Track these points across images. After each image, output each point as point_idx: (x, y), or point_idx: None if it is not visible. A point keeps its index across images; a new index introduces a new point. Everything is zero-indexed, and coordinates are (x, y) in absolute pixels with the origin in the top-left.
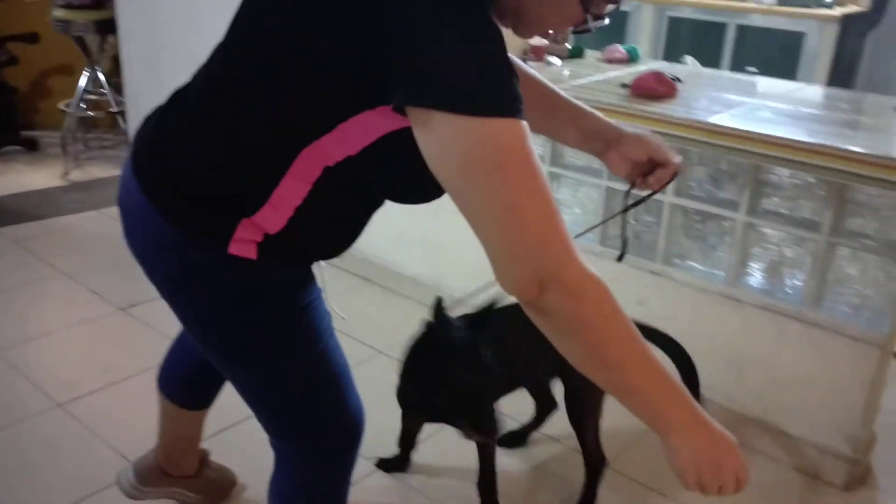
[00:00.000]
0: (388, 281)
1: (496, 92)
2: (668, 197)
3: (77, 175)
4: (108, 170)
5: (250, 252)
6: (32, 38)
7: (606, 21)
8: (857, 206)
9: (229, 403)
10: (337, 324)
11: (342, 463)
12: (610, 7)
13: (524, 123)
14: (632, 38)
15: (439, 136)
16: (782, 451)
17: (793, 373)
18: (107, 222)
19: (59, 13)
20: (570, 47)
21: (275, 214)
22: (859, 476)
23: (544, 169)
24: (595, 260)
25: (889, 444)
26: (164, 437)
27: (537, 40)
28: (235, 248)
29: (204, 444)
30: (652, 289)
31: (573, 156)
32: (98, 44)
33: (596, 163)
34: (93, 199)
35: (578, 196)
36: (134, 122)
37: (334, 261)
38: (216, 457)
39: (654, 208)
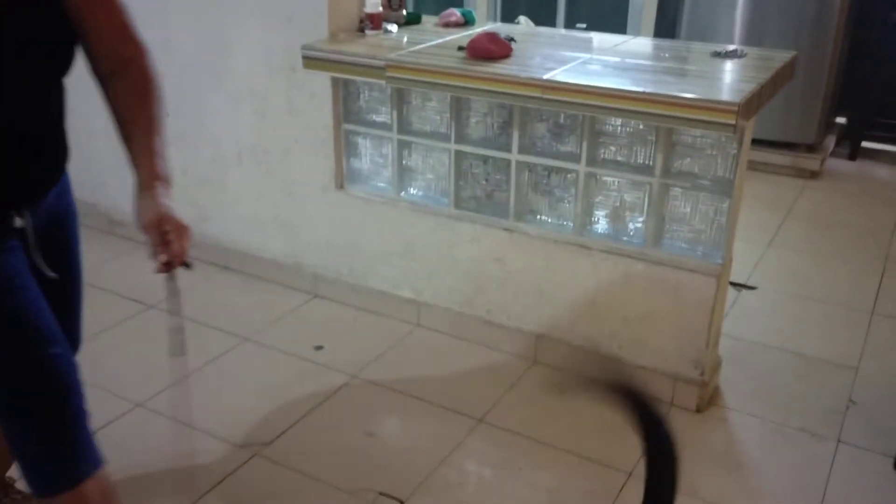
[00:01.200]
0: (246, 266)
1: None
2: (513, 155)
3: None
4: None
5: None
6: None
7: None
8: (685, 147)
9: None
10: (201, 316)
11: (45, 419)
12: None
13: None
14: (469, 3)
15: None
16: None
17: (642, 310)
18: None
19: None
20: (406, 14)
21: None
22: (708, 398)
23: (393, 137)
24: (451, 223)
25: (732, 366)
26: None
27: (373, 7)
28: None
29: None
30: (507, 245)
31: (420, 123)
32: None
33: (443, 127)
34: None
35: (430, 162)
36: None
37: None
38: None
39: (501, 167)
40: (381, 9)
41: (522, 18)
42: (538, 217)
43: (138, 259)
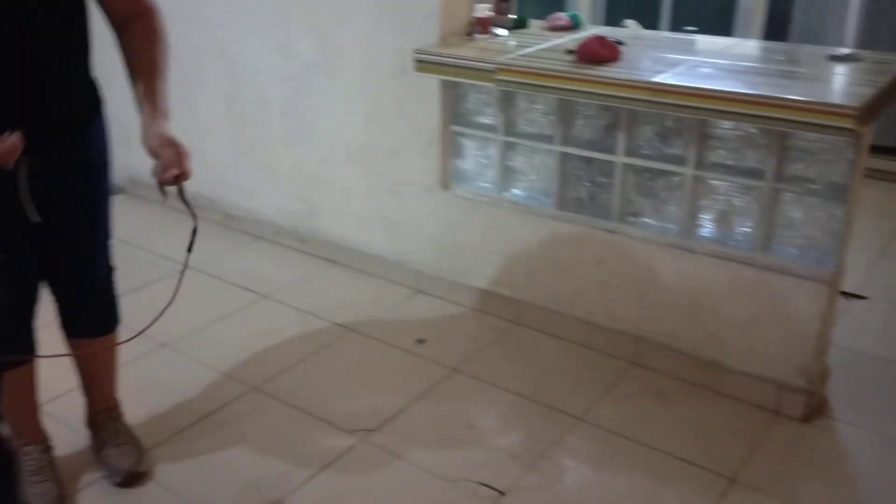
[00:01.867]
0: (353, 261)
1: None
2: (618, 157)
3: None
4: None
5: None
6: None
7: None
8: (798, 152)
9: None
10: (310, 307)
11: None
12: None
13: None
14: (573, 6)
15: None
16: (742, 389)
17: (747, 315)
18: None
19: None
20: (514, 18)
21: None
22: (816, 407)
23: (499, 139)
24: (553, 224)
25: (841, 376)
26: None
27: (483, 12)
28: None
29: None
30: (609, 247)
31: (525, 125)
32: None
33: (549, 129)
34: None
35: (534, 163)
36: None
37: (299, 245)
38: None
39: (606, 169)
40: (490, 13)
41: (629, 22)
42: (642, 219)
43: (253, 251)
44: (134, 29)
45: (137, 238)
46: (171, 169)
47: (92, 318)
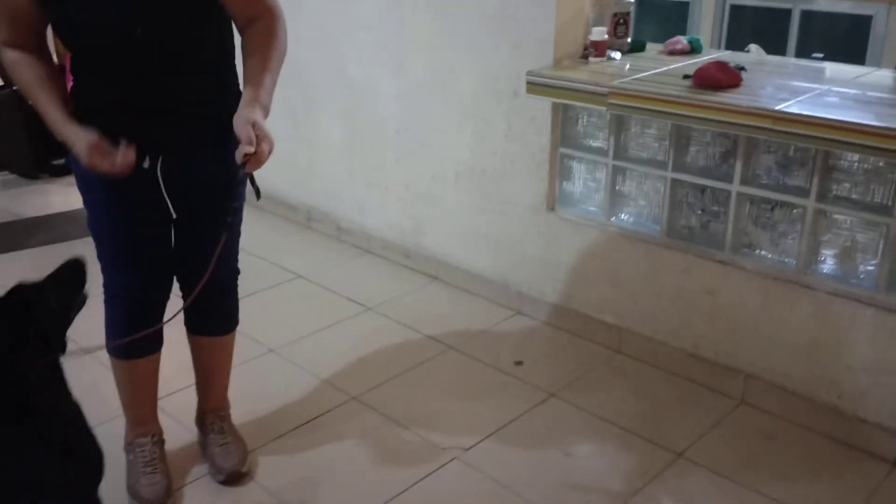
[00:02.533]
0: (455, 278)
1: None
2: (734, 186)
3: None
4: None
5: None
6: None
7: None
8: None
9: None
10: (411, 321)
11: (108, 306)
12: None
13: None
14: (693, 29)
15: None
16: (860, 438)
17: (869, 358)
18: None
19: None
20: (630, 41)
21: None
22: None
23: (608, 163)
24: (661, 252)
25: None
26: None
27: (598, 35)
28: None
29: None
30: (720, 278)
31: (637, 149)
32: None
33: (661, 155)
34: None
35: (644, 188)
36: None
37: (403, 260)
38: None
39: (720, 198)
40: (606, 37)
41: (753, 47)
42: (756, 251)
43: (361, 264)
44: (254, 28)
45: (255, 248)
46: (247, 147)
47: (216, 316)
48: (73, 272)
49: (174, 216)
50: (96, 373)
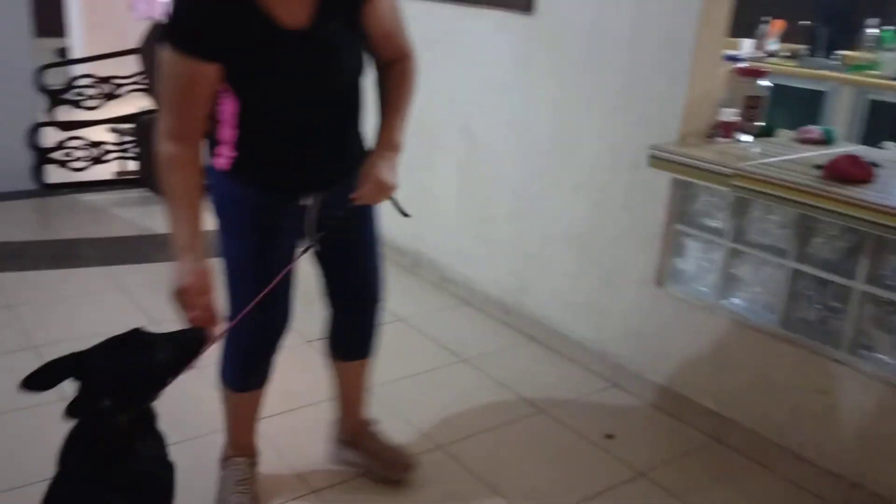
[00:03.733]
0: (552, 341)
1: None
2: (857, 283)
3: None
4: None
5: (225, 165)
6: None
7: None
8: None
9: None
10: (504, 379)
11: (236, 342)
12: None
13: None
14: (827, 120)
15: None
16: None
17: None
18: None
19: None
20: (761, 125)
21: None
22: None
23: (725, 244)
24: (773, 342)
25: None
26: (335, 394)
27: (728, 116)
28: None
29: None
30: (834, 378)
31: (757, 233)
32: None
33: (782, 242)
34: None
35: (760, 275)
36: None
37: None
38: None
39: (841, 294)
40: (736, 118)
41: (889, 144)
42: (876, 354)
43: (461, 315)
44: (392, 70)
45: None
46: (362, 199)
47: (364, 341)
48: (191, 341)
49: (318, 249)
50: (202, 388)
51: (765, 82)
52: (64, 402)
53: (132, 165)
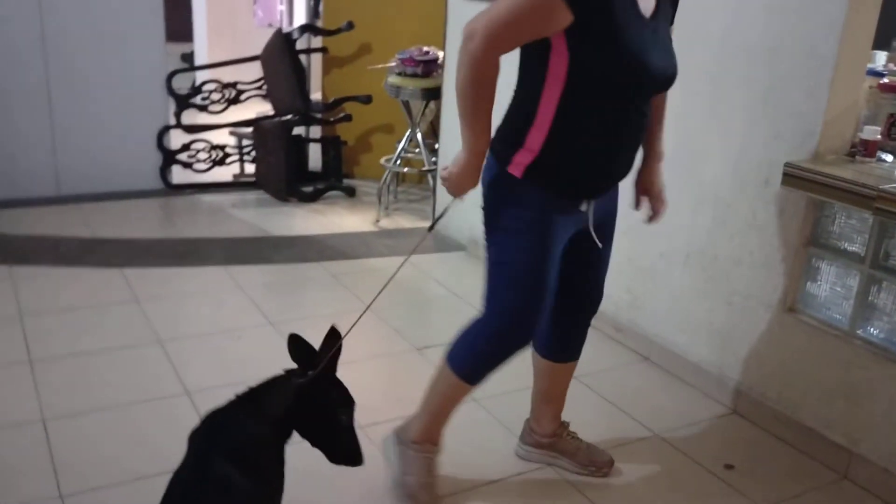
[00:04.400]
0: (667, 362)
1: None
2: None
3: (386, 223)
4: (413, 221)
5: (518, 172)
6: (367, 99)
7: None
8: None
9: None
10: (619, 400)
11: (498, 342)
12: None
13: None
14: None
15: None
16: None
17: None
18: (408, 268)
19: (393, 79)
20: None
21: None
22: None
23: (865, 271)
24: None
25: None
26: (532, 395)
27: (871, 134)
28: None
29: None
30: None
31: None
32: (420, 108)
33: None
34: (399, 245)
35: None
36: None
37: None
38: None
39: None
40: (879, 137)
41: None
42: None
43: (637, 372)
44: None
45: (471, 297)
46: (650, 214)
47: (580, 343)
48: (346, 400)
49: (600, 246)
50: (424, 369)
51: None
52: (179, 398)
53: (250, 168)
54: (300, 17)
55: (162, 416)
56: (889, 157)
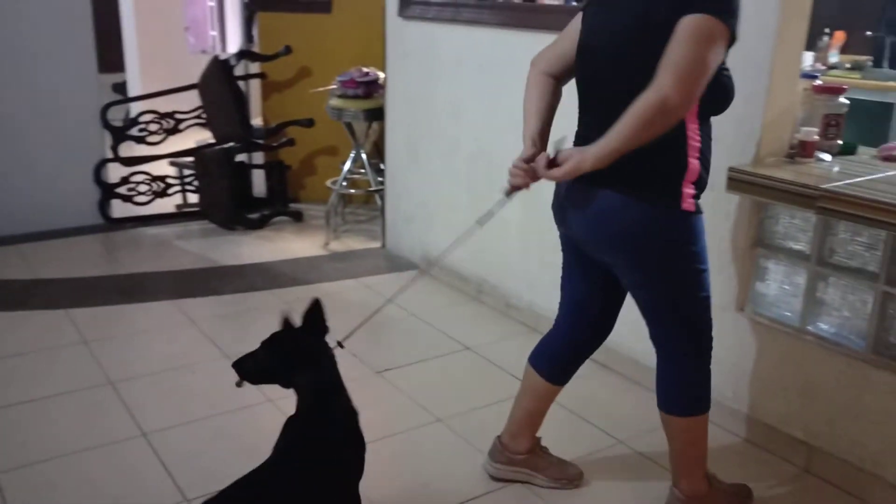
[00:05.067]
0: (627, 369)
1: None
2: None
3: (336, 245)
4: (363, 242)
5: (691, 205)
6: (310, 123)
7: None
8: None
9: None
10: (580, 410)
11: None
12: None
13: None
14: None
15: None
16: None
17: None
18: (362, 290)
19: (335, 102)
20: (841, 143)
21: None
22: None
23: (811, 269)
24: (865, 368)
25: None
26: (515, 412)
27: (807, 135)
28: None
29: None
30: None
31: (844, 256)
32: (364, 129)
33: (872, 265)
34: (350, 268)
35: (848, 299)
36: (391, 199)
37: None
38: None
39: None
40: (816, 137)
41: None
42: None
43: (529, 343)
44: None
45: (426, 314)
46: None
47: (578, 368)
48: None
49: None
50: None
51: (843, 99)
52: (135, 440)
53: (193, 198)
54: (233, 43)
55: (118, 461)
56: (827, 157)
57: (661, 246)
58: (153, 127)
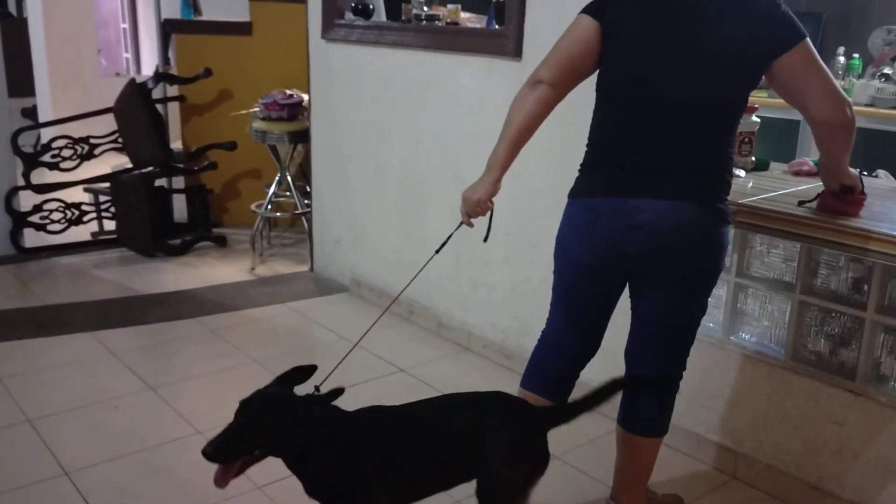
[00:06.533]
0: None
1: None
2: (868, 314)
3: (262, 270)
4: (290, 265)
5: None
6: (232, 146)
7: None
8: None
9: None
10: None
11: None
12: None
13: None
14: (806, 149)
15: None
16: None
17: None
18: (291, 315)
19: (259, 124)
20: (754, 160)
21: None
22: None
23: (732, 281)
24: (785, 375)
25: None
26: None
27: None
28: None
29: None
30: (851, 409)
31: (761, 268)
32: (288, 151)
33: (788, 275)
34: (278, 292)
35: (768, 308)
36: (318, 222)
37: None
38: None
39: (852, 325)
40: None
41: (882, 172)
42: (892, 384)
43: (460, 361)
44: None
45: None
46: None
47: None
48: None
49: None
50: None
51: (755, 118)
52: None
53: (109, 225)
54: (148, 65)
55: (39, 502)
56: (742, 173)
57: (717, 256)
58: (66, 153)
